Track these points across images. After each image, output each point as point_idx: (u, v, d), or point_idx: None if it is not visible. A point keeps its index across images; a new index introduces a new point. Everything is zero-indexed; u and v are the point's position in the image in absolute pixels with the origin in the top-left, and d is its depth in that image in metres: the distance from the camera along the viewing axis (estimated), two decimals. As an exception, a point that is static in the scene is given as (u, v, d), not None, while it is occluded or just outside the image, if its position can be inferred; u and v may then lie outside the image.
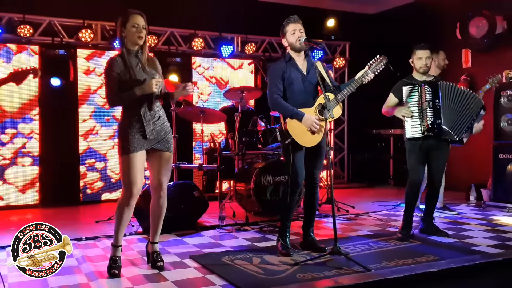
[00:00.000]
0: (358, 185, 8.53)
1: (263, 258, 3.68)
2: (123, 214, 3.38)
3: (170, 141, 3.52)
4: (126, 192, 3.35)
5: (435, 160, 4.36)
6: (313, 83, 3.89)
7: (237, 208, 5.54)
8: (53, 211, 6.18)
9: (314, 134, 3.76)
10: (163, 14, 7.26)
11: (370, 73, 3.76)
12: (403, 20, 8.28)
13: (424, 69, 4.34)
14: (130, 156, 3.32)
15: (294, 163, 3.78)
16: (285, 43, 3.90)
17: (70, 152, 6.75)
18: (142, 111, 3.36)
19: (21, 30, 6.28)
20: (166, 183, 3.51)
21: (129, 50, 3.41)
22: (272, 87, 3.83)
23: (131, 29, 3.36)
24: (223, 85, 7.71)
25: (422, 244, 4.13)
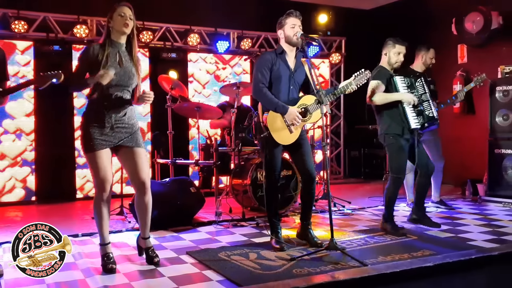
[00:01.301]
0: (354, 181, 8.55)
1: (259, 254, 3.68)
2: (101, 211, 3.35)
3: (139, 137, 3.45)
4: (99, 189, 3.32)
5: (420, 154, 4.41)
6: (299, 82, 3.91)
7: (233, 204, 5.54)
8: (49, 208, 6.17)
9: (291, 133, 3.76)
10: (159, 10, 7.23)
11: (353, 85, 3.80)
12: (399, 15, 8.28)
13: (399, 65, 4.41)
14: (95, 154, 3.27)
15: (270, 158, 3.79)
16: (281, 34, 3.88)
17: (66, 148, 6.72)
18: (106, 103, 3.30)
19: (15, 26, 6.25)
20: (148, 179, 3.44)
21: (112, 41, 3.37)
22: (259, 76, 3.79)
23: (117, 17, 3.33)
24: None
25: (418, 239, 4.14)
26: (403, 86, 4.33)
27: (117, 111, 3.34)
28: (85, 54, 3.32)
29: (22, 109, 6.47)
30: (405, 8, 8.26)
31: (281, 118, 3.74)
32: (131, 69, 3.39)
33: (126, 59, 3.40)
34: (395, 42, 4.38)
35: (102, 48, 3.32)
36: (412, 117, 4.29)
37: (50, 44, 6.57)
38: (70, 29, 6.63)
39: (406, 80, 4.36)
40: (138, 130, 3.47)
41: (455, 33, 7.24)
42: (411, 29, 7.63)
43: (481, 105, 6.94)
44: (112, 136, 3.32)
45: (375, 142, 8.67)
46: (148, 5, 7.04)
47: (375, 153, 8.68)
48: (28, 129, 6.50)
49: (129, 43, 3.44)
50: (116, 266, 3.35)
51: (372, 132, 8.57)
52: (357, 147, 8.97)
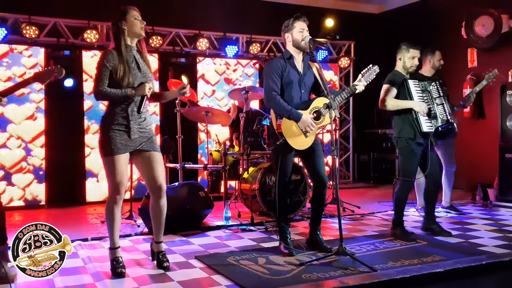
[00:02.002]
0: (363, 185, 8.51)
1: (268, 258, 3.68)
2: (114, 214, 3.35)
3: (156, 142, 3.48)
4: (114, 193, 3.33)
5: (432, 160, 4.37)
6: (309, 86, 3.90)
7: (242, 208, 5.54)
8: (59, 212, 6.21)
9: (307, 138, 3.76)
10: (168, 15, 7.28)
11: (363, 81, 3.78)
12: (408, 19, 8.26)
13: (414, 69, 4.39)
14: (114, 158, 3.28)
15: (283, 164, 3.78)
16: (288, 38, 3.86)
17: (75, 152, 6.77)
18: (129, 110, 3.32)
19: (26, 31, 6.31)
20: (164, 182, 3.47)
21: (127, 45, 3.38)
22: (270, 83, 3.78)
23: (134, 20, 3.35)
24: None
25: (428, 244, 4.11)
26: (416, 90, 4.31)
27: (138, 116, 3.36)
28: (105, 60, 3.28)
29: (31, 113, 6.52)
30: (413, 12, 8.25)
31: (296, 124, 3.74)
32: (147, 72, 3.43)
33: (141, 62, 3.43)
34: (409, 46, 4.36)
35: (119, 53, 3.31)
36: (424, 121, 4.26)
37: (60, 49, 6.64)
38: (80, 34, 6.69)
39: (420, 84, 4.33)
40: (154, 134, 3.50)
41: (465, 37, 7.20)
42: (420, 33, 7.60)
43: (491, 109, 6.89)
44: (132, 140, 3.33)
45: (384, 146, 8.66)
46: (158, 10, 7.09)
47: (384, 157, 8.64)
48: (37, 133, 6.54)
49: (140, 45, 3.46)
50: (126, 270, 3.36)
51: (381, 136, 8.60)
52: (366, 151, 8.94)
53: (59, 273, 3.36)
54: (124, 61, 3.30)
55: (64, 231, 4.77)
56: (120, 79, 3.28)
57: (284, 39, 3.92)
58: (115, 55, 3.30)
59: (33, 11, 6.48)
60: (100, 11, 6.84)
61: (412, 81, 4.33)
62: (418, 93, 4.31)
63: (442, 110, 4.33)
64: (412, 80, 4.33)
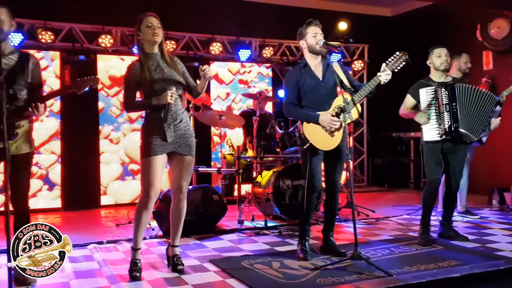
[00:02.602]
0: (378, 189, 8.45)
1: (282, 263, 3.67)
2: (141, 216, 3.40)
3: (192, 145, 3.53)
4: (144, 195, 3.38)
5: (453, 164, 4.33)
6: (330, 87, 3.86)
7: (255, 212, 5.54)
8: (75, 214, 6.26)
9: (333, 137, 3.74)
10: (182, 20, 7.32)
11: (388, 71, 3.66)
12: (422, 22, 8.21)
13: (445, 65, 4.34)
14: (149, 159, 3.35)
15: (311, 167, 3.77)
16: (303, 44, 3.88)
17: (91, 155, 6.84)
18: (162, 115, 3.38)
19: (42, 36, 6.39)
20: (186, 187, 3.53)
21: (147, 54, 3.43)
22: (287, 96, 3.87)
23: (146, 29, 3.40)
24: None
25: (444, 249, 4.07)
26: (427, 97, 4.27)
27: (173, 119, 3.41)
28: (129, 74, 3.41)
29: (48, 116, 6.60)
30: (427, 15, 8.19)
31: (319, 126, 3.73)
32: (173, 75, 3.46)
33: (165, 66, 3.46)
34: (433, 48, 4.38)
35: (141, 64, 3.40)
36: (427, 130, 4.26)
37: (75, 54, 6.70)
38: (95, 39, 6.75)
39: (431, 91, 4.27)
40: (193, 136, 3.55)
41: (480, 39, 7.13)
42: (434, 35, 7.54)
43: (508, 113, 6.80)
44: (170, 143, 3.40)
45: (399, 150, 8.60)
46: (171, 15, 7.12)
47: (399, 161, 8.58)
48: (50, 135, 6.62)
49: (161, 51, 3.50)
50: (141, 274, 3.38)
51: (396, 139, 8.54)
52: (381, 155, 8.89)
53: (75, 276, 3.42)
54: (145, 70, 3.37)
55: (79, 234, 4.86)
56: (146, 88, 3.38)
57: (300, 47, 3.94)
58: (138, 66, 3.40)
59: (49, 16, 6.56)
60: (114, 16, 6.91)
61: (424, 89, 4.30)
62: (428, 100, 4.27)
63: (448, 118, 4.18)
64: (425, 89, 4.30)
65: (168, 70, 3.46)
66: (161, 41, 3.47)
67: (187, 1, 7.42)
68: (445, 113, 4.19)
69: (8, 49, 3.31)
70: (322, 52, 3.83)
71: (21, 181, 3.28)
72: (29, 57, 3.35)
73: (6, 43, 3.27)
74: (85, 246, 4.31)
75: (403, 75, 4.37)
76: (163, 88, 3.36)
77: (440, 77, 4.37)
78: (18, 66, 3.26)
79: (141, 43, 3.45)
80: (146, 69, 3.37)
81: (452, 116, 4.18)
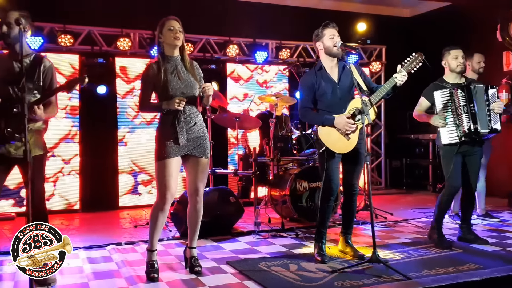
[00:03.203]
0: (396, 192, 8.36)
1: (300, 265, 3.65)
2: (157, 218, 3.42)
3: (207, 147, 3.54)
4: (160, 197, 3.40)
5: (470, 167, 4.28)
6: (346, 89, 3.84)
7: (272, 214, 5.53)
8: (93, 216, 6.32)
9: (349, 140, 3.72)
10: (199, 22, 7.35)
11: (403, 72, 3.64)
12: (440, 23, 8.12)
13: (461, 67, 4.30)
14: (164, 162, 3.37)
15: (328, 170, 3.75)
16: (319, 46, 3.86)
17: (109, 157, 6.91)
18: (176, 118, 3.40)
19: (61, 40, 6.48)
20: (202, 189, 3.54)
21: (166, 57, 3.46)
22: (302, 100, 3.86)
23: (167, 32, 3.43)
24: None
25: (463, 252, 4.01)
26: (442, 100, 4.22)
27: (187, 122, 3.44)
28: (146, 75, 3.45)
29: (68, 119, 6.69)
30: (446, 15, 8.10)
31: (334, 129, 3.72)
32: (190, 79, 3.47)
33: (183, 70, 3.48)
34: (449, 48, 4.34)
35: (158, 66, 3.43)
36: (445, 132, 4.20)
37: (94, 57, 6.79)
38: (113, 42, 6.82)
39: (447, 93, 4.22)
40: (207, 139, 3.57)
41: (500, 40, 7.02)
42: (452, 36, 7.43)
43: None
44: (184, 145, 3.41)
45: (418, 152, 8.51)
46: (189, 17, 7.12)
47: (417, 163, 8.49)
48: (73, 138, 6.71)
49: (181, 54, 3.52)
50: (159, 275, 3.40)
51: (414, 141, 8.46)
52: (399, 157, 8.80)
53: (94, 277, 3.46)
54: (161, 72, 3.39)
55: (98, 235, 4.91)
56: (160, 90, 3.41)
57: (316, 48, 3.92)
58: (155, 68, 3.43)
59: (68, 20, 6.65)
60: (132, 20, 6.97)
61: (439, 92, 4.25)
62: (444, 103, 4.22)
63: (467, 119, 4.12)
64: (439, 91, 4.25)
65: (185, 74, 3.47)
66: (181, 45, 3.49)
67: (204, 4, 7.45)
68: (463, 114, 4.13)
69: (23, 52, 3.29)
70: (338, 54, 3.81)
71: (34, 183, 3.28)
72: (42, 60, 3.38)
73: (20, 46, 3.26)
74: (104, 247, 4.35)
75: (421, 76, 4.33)
76: (177, 92, 3.38)
77: (455, 78, 4.33)
78: (29, 69, 3.29)
79: (161, 46, 3.48)
80: (162, 71, 3.40)
81: (471, 117, 4.12)
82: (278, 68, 7.87)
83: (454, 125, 4.17)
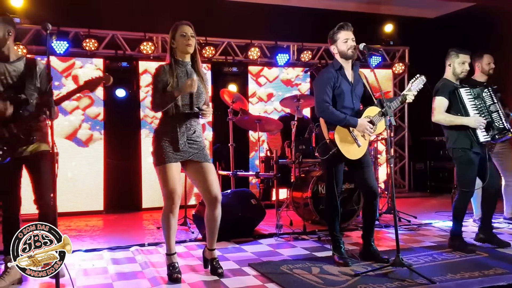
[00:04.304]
0: (420, 195, 8.26)
1: (322, 268, 3.63)
2: (169, 222, 3.42)
3: (207, 153, 3.52)
4: (168, 201, 3.39)
5: (486, 168, 4.19)
6: (359, 95, 3.86)
7: (294, 217, 5.51)
8: (116, 217, 6.41)
9: (360, 147, 3.71)
10: (220, 26, 7.40)
11: (413, 91, 3.78)
12: (464, 24, 7.98)
13: (465, 74, 4.24)
14: (166, 167, 3.35)
15: (334, 173, 3.74)
16: (334, 49, 3.83)
17: (133, 159, 7.01)
18: (178, 123, 3.40)
19: (86, 44, 6.60)
20: (219, 193, 3.51)
21: (178, 61, 3.47)
22: (322, 94, 3.74)
23: (180, 38, 3.43)
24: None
25: (489, 256, 3.93)
26: (469, 98, 4.16)
27: (188, 129, 3.44)
28: (158, 74, 3.44)
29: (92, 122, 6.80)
30: (471, 16, 7.97)
31: (349, 133, 3.70)
32: (200, 87, 3.48)
33: (194, 76, 3.49)
34: (458, 52, 4.24)
35: (171, 69, 3.43)
36: (480, 132, 4.11)
37: (118, 61, 6.89)
38: (137, 46, 6.92)
39: (472, 91, 4.17)
40: (205, 147, 3.56)
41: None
42: (477, 37, 7.33)
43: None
44: (183, 151, 3.40)
45: (442, 154, 8.37)
46: (210, 21, 7.22)
47: (442, 165, 8.36)
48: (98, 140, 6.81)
49: (193, 59, 3.53)
50: (181, 276, 3.42)
51: (439, 143, 8.33)
52: (423, 160, 8.69)
53: (118, 277, 3.50)
54: (173, 76, 3.40)
55: (121, 236, 4.98)
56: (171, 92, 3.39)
57: (331, 51, 3.90)
58: (166, 70, 3.43)
59: (92, 24, 6.77)
60: (155, 24, 7.06)
61: (464, 89, 4.18)
62: (471, 101, 4.15)
63: (498, 117, 4.13)
64: (464, 88, 4.18)
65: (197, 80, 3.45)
66: (194, 50, 3.49)
67: (225, 7, 7.50)
68: (496, 112, 4.14)
69: (13, 56, 3.38)
70: (353, 57, 3.79)
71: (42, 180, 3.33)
72: (36, 62, 3.43)
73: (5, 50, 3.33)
74: (128, 248, 4.40)
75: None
76: (187, 99, 3.40)
77: (456, 81, 4.28)
78: (26, 72, 3.35)
79: (174, 51, 3.48)
80: (174, 76, 3.40)
81: (500, 115, 4.15)
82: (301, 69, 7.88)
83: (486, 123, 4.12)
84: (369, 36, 7.57)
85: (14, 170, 3.34)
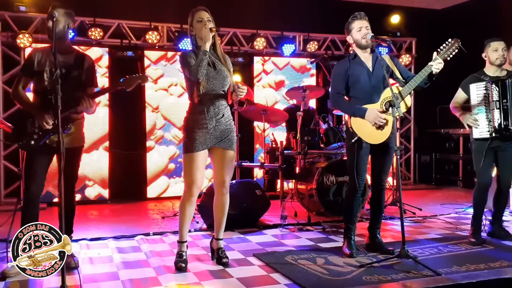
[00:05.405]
0: (425, 187, 8.24)
1: (327, 259, 3.63)
2: (185, 210, 3.46)
3: (233, 140, 3.55)
4: (187, 190, 3.43)
5: (503, 162, 4.17)
6: (379, 79, 3.75)
7: (298, 208, 5.51)
8: (121, 207, 6.43)
9: (382, 130, 3.65)
10: (227, 15, 7.35)
11: (439, 59, 3.55)
12: (472, 15, 7.91)
13: (501, 60, 4.16)
14: (192, 155, 3.40)
15: (358, 163, 3.70)
16: (350, 40, 3.83)
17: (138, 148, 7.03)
18: (206, 107, 3.42)
19: (91, 33, 6.58)
20: (228, 181, 3.56)
21: (198, 47, 3.46)
22: (334, 86, 3.80)
23: (197, 24, 3.43)
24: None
25: (495, 249, 3.92)
26: (477, 93, 4.13)
27: (216, 114, 3.45)
28: (184, 59, 3.41)
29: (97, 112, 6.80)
30: (479, 7, 7.89)
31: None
32: (224, 70, 3.49)
33: (216, 61, 3.49)
34: (490, 40, 4.23)
35: (195, 55, 3.40)
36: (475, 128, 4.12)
37: (123, 50, 6.86)
38: (142, 35, 6.89)
39: (482, 87, 4.12)
40: (234, 131, 3.58)
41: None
42: (486, 29, 7.25)
43: None
44: (211, 137, 3.44)
45: (448, 147, 8.35)
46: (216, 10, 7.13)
47: (447, 158, 8.34)
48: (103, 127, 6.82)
49: (213, 44, 3.51)
50: (187, 265, 3.43)
51: (445, 136, 8.30)
52: (428, 152, 8.66)
53: (123, 266, 3.51)
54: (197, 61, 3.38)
55: (127, 226, 4.99)
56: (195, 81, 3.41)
57: (348, 42, 3.89)
58: (194, 57, 3.41)
59: (98, 13, 6.74)
60: (161, 13, 7.03)
61: (475, 85, 4.15)
62: (479, 97, 4.13)
63: (498, 115, 4.03)
64: (475, 84, 4.15)
65: (219, 66, 3.49)
66: (213, 35, 3.47)
67: (231, -3, 7.46)
68: (495, 110, 4.05)
69: (66, 48, 3.46)
70: (368, 46, 3.75)
71: (70, 174, 3.42)
72: (85, 58, 3.52)
73: (63, 42, 3.42)
74: (133, 238, 4.41)
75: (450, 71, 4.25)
76: (211, 80, 3.40)
77: (495, 71, 4.21)
78: (74, 65, 3.44)
79: (194, 38, 3.49)
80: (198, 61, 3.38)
81: (502, 114, 4.03)
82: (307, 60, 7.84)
83: (486, 120, 4.07)
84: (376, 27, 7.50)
85: (45, 156, 3.40)
